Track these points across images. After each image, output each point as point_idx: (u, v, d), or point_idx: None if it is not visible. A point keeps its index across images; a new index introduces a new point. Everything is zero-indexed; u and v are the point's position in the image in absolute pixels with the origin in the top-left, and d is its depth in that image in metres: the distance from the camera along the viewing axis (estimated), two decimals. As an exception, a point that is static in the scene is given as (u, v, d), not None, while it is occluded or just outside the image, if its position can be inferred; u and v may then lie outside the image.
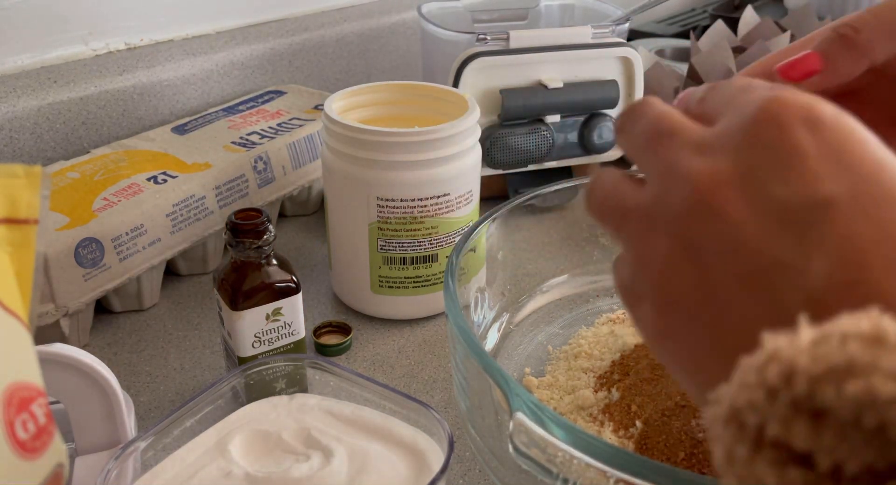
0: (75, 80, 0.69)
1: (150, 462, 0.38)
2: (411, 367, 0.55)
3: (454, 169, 0.54)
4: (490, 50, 0.66)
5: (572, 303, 0.59)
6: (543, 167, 0.72)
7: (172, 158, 0.64)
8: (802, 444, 0.16)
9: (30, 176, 0.28)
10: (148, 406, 0.51)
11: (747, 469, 0.17)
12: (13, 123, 0.65)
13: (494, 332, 0.54)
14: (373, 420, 0.41)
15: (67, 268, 0.52)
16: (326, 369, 0.43)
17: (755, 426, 0.17)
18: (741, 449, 0.17)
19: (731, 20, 1.05)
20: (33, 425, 0.26)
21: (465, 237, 0.48)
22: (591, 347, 0.52)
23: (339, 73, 0.90)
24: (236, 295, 0.46)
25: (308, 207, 0.74)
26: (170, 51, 0.76)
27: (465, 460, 0.47)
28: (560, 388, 0.49)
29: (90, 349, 0.56)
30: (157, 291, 0.61)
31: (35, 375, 0.27)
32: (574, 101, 0.68)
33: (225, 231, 0.47)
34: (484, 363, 0.37)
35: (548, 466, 0.32)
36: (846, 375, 0.16)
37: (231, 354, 0.49)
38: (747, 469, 0.17)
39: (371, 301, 0.58)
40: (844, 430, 0.16)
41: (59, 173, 0.60)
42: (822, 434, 0.16)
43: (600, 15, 0.79)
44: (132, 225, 0.56)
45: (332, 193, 0.57)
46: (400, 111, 0.61)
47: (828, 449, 0.16)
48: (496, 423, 0.38)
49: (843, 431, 0.16)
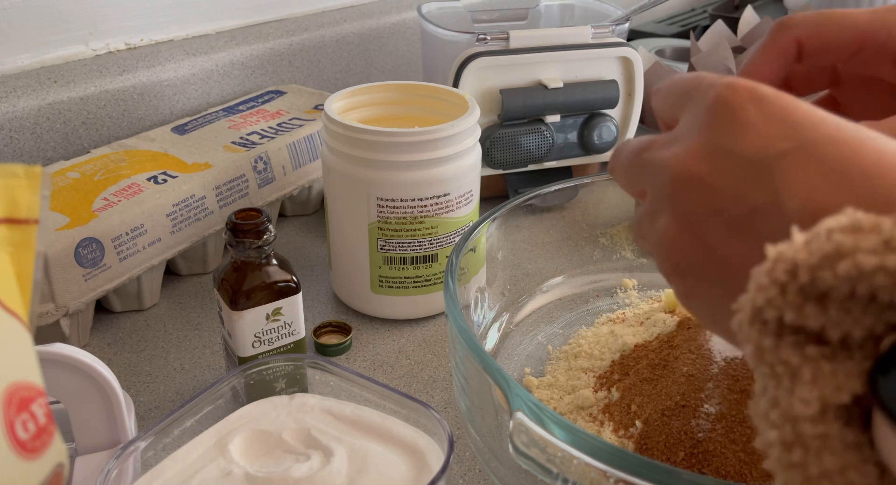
0: (75, 80, 0.69)
1: (150, 462, 0.38)
2: (411, 367, 0.55)
3: (454, 169, 0.54)
4: (490, 50, 0.66)
5: (572, 303, 0.59)
6: (543, 167, 0.72)
7: (172, 158, 0.64)
8: (814, 323, 0.20)
9: (30, 176, 0.28)
10: (148, 406, 0.51)
11: (775, 356, 0.21)
12: (13, 123, 0.65)
13: (494, 332, 0.54)
14: (373, 420, 0.41)
15: (67, 268, 0.52)
16: (326, 369, 0.43)
17: (774, 319, 0.20)
18: (767, 340, 0.21)
19: (731, 20, 1.05)
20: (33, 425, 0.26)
21: (465, 237, 0.48)
22: (591, 347, 0.52)
23: (338, 74, 0.90)
24: (236, 295, 0.46)
25: (308, 207, 0.74)
26: (170, 51, 0.76)
27: (465, 460, 0.47)
28: (560, 388, 0.49)
29: (90, 349, 0.56)
30: (157, 291, 0.61)
31: (35, 375, 0.27)
32: (574, 101, 0.68)
33: (225, 231, 0.47)
34: (484, 363, 0.37)
35: (548, 466, 0.32)
36: (837, 258, 0.19)
37: (231, 354, 0.49)
38: (775, 356, 0.21)
39: (371, 301, 0.58)
40: (845, 304, 0.20)
41: (59, 173, 0.60)
42: (829, 311, 0.20)
43: (600, 15, 0.79)
44: (132, 225, 0.56)
45: (332, 193, 0.57)
46: (400, 111, 0.61)
47: (835, 323, 0.20)
48: (496, 423, 0.38)
49: (844, 305, 0.20)
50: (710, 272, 0.26)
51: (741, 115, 0.25)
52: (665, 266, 0.28)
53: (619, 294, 0.60)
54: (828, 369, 0.20)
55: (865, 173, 0.23)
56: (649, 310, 0.55)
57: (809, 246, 0.20)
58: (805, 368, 0.20)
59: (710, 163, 0.26)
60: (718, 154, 0.25)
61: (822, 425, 0.20)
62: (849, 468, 0.20)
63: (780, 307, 0.20)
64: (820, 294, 0.20)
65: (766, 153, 0.24)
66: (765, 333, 0.21)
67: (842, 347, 0.20)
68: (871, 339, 0.20)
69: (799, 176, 0.24)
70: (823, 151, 0.24)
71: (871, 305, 0.19)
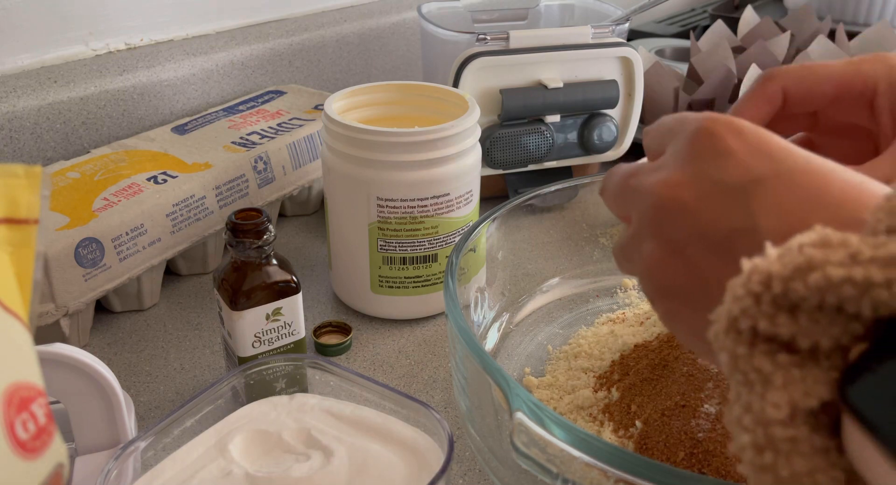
0: (75, 80, 0.69)
1: (150, 462, 0.38)
2: (411, 367, 0.55)
3: (454, 169, 0.55)
4: (490, 50, 0.66)
5: (572, 303, 0.59)
6: (543, 167, 0.72)
7: (172, 158, 0.64)
8: (786, 332, 0.21)
9: (30, 176, 0.28)
10: (148, 406, 0.51)
11: (748, 363, 0.22)
12: (13, 123, 0.65)
13: (494, 332, 0.54)
14: (373, 420, 0.41)
15: (67, 268, 0.52)
16: (326, 369, 0.43)
17: (748, 329, 0.22)
18: (741, 349, 0.22)
19: (731, 20, 1.05)
20: (33, 425, 0.26)
21: (465, 237, 0.48)
22: (591, 347, 0.52)
23: (338, 74, 0.90)
24: (236, 295, 0.46)
25: (308, 207, 0.74)
26: (170, 51, 0.76)
27: (465, 460, 0.47)
28: (560, 388, 0.49)
29: (90, 349, 0.56)
30: (157, 291, 0.61)
31: (35, 375, 0.27)
32: (574, 101, 0.68)
33: (225, 231, 0.47)
34: (484, 363, 0.37)
35: (548, 466, 0.32)
36: (808, 270, 0.21)
37: (231, 354, 0.49)
38: (748, 363, 0.22)
39: (371, 301, 0.58)
40: (814, 315, 0.21)
41: (59, 173, 0.60)
42: (799, 321, 0.21)
43: (600, 15, 0.79)
44: (132, 225, 0.56)
45: (332, 193, 0.57)
46: (400, 111, 0.61)
47: (805, 332, 0.21)
48: (496, 423, 0.38)
49: (813, 316, 0.21)
50: (692, 293, 0.28)
51: (722, 144, 0.27)
52: (649, 288, 0.30)
53: (619, 294, 0.60)
54: (798, 375, 0.21)
55: (834, 198, 0.25)
56: (649, 310, 0.55)
57: (783, 259, 0.21)
58: (777, 374, 0.21)
59: (693, 188, 0.28)
60: (700, 179, 0.27)
61: (791, 428, 0.21)
62: (817, 471, 0.21)
63: (755, 316, 0.21)
64: (791, 305, 0.21)
65: (744, 179, 0.26)
66: (739, 342, 0.22)
67: (811, 357, 0.21)
68: (837, 349, 0.21)
69: (774, 200, 0.26)
70: (797, 179, 0.26)
71: (838, 316, 0.21)
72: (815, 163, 0.26)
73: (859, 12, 1.21)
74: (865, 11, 1.21)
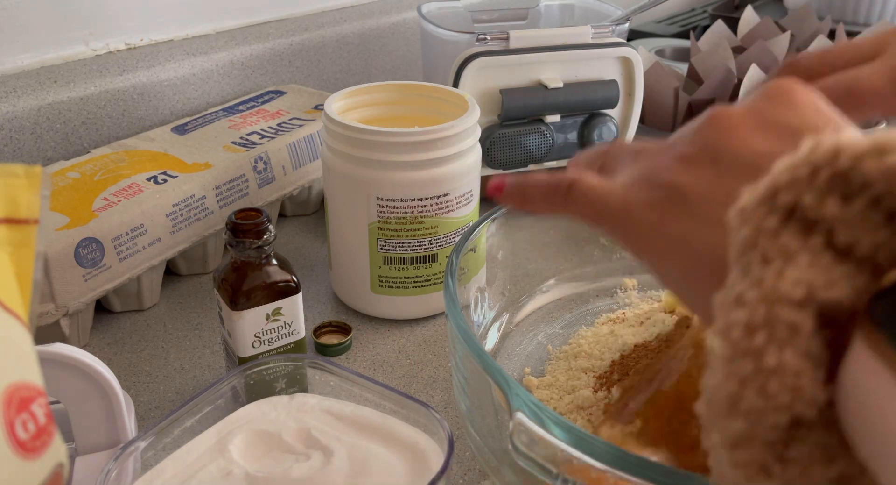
0: (75, 80, 0.69)
1: (150, 462, 0.38)
2: (411, 367, 0.55)
3: (454, 169, 0.54)
4: (490, 50, 0.66)
5: (572, 303, 0.59)
6: (543, 167, 0.72)
7: (172, 158, 0.64)
8: (830, 215, 0.19)
9: (30, 176, 0.28)
10: (148, 406, 0.51)
11: (773, 240, 0.20)
12: (13, 123, 0.65)
13: (494, 332, 0.54)
14: (373, 420, 0.41)
15: (67, 268, 0.52)
16: (326, 369, 0.43)
17: (785, 205, 0.20)
18: (771, 221, 0.20)
19: (731, 20, 1.05)
20: (33, 425, 0.26)
21: (465, 237, 0.48)
22: (591, 347, 0.52)
23: (338, 74, 0.90)
24: (236, 295, 0.46)
25: (308, 207, 0.74)
26: (170, 51, 0.76)
27: (465, 460, 0.47)
28: (560, 388, 0.49)
29: (90, 349, 0.56)
30: (157, 291, 0.61)
31: (35, 375, 0.27)
32: (574, 101, 0.68)
33: (225, 231, 0.47)
34: (484, 363, 0.37)
35: (548, 466, 0.32)
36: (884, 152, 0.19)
37: (231, 354, 0.49)
38: (773, 240, 0.20)
39: (371, 301, 0.58)
40: (866, 210, 0.19)
41: (59, 173, 0.60)
42: (850, 208, 0.19)
43: (600, 15, 0.79)
44: (132, 225, 0.56)
45: (332, 193, 0.57)
46: (400, 111, 0.61)
47: (850, 224, 0.19)
48: (496, 423, 0.38)
49: (865, 212, 0.19)
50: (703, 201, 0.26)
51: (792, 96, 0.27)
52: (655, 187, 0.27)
53: (619, 294, 0.60)
54: (826, 261, 0.20)
55: None
56: (649, 310, 0.55)
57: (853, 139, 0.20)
58: (803, 253, 0.20)
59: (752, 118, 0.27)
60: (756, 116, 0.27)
61: (798, 313, 0.19)
62: (803, 374, 0.19)
63: (801, 191, 0.20)
64: (847, 192, 0.19)
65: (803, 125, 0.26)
66: (771, 215, 0.20)
67: (841, 254, 0.20)
68: (871, 262, 0.20)
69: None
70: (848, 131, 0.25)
71: (889, 222, 0.19)
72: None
73: (859, 12, 1.21)
74: (865, 11, 1.21)
